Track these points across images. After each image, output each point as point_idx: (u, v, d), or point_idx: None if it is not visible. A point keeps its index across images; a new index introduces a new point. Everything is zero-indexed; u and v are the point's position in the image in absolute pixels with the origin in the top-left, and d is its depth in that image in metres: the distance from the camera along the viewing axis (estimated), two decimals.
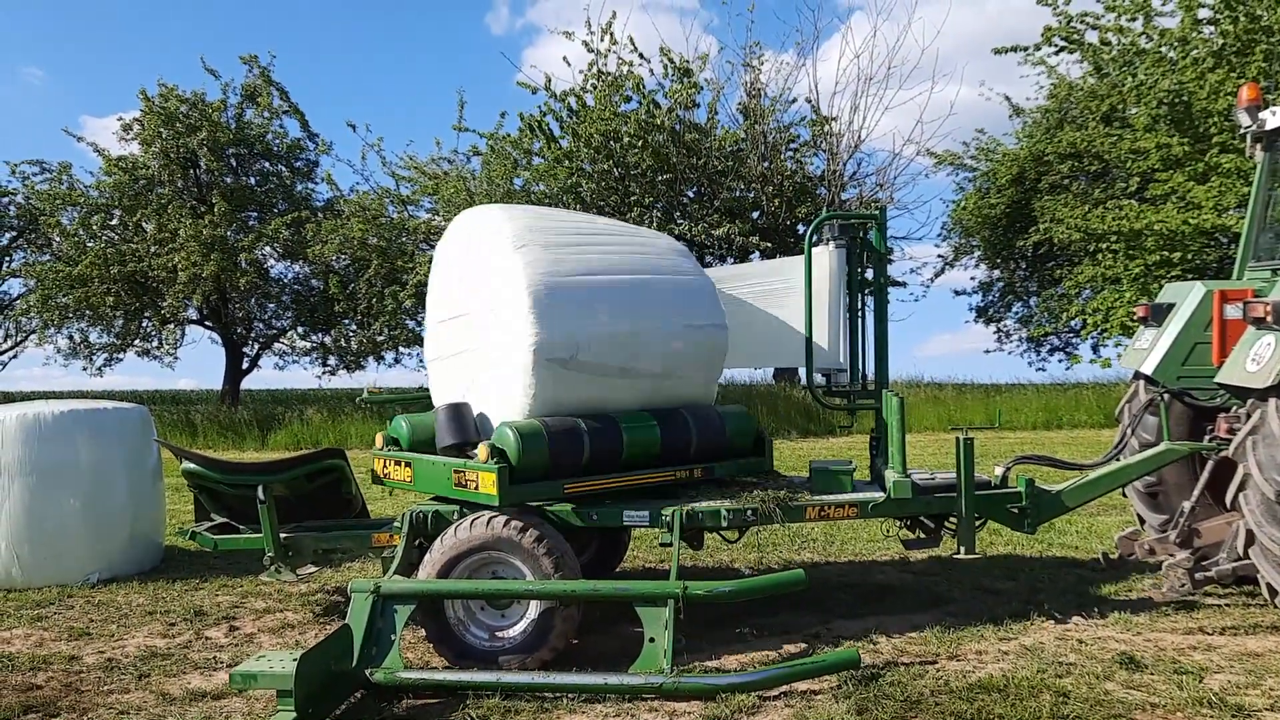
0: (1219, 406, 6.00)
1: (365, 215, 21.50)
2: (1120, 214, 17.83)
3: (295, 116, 23.58)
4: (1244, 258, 6.53)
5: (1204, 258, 17.46)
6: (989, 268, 24.26)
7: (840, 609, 5.99)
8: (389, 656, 4.62)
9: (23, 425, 6.97)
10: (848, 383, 6.27)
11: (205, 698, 4.64)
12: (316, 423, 19.59)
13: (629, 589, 4.87)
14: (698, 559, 7.29)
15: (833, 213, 6.28)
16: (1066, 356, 23.80)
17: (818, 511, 5.50)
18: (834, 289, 6.12)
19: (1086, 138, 19.13)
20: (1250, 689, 4.46)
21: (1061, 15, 19.12)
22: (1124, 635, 5.31)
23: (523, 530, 4.92)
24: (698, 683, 4.48)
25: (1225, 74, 16.88)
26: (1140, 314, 6.62)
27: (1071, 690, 4.44)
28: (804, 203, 21.87)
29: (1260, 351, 5.19)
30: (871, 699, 4.35)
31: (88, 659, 5.28)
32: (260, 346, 25.91)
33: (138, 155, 22.63)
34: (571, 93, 20.37)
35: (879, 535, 7.96)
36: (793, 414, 19.18)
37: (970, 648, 5.14)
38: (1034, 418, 19.16)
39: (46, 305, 22.55)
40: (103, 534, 7.17)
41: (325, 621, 5.99)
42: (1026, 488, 5.65)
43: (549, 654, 4.84)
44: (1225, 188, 16.78)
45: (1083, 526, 8.49)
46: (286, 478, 5.98)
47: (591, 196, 19.47)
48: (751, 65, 22.33)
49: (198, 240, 20.93)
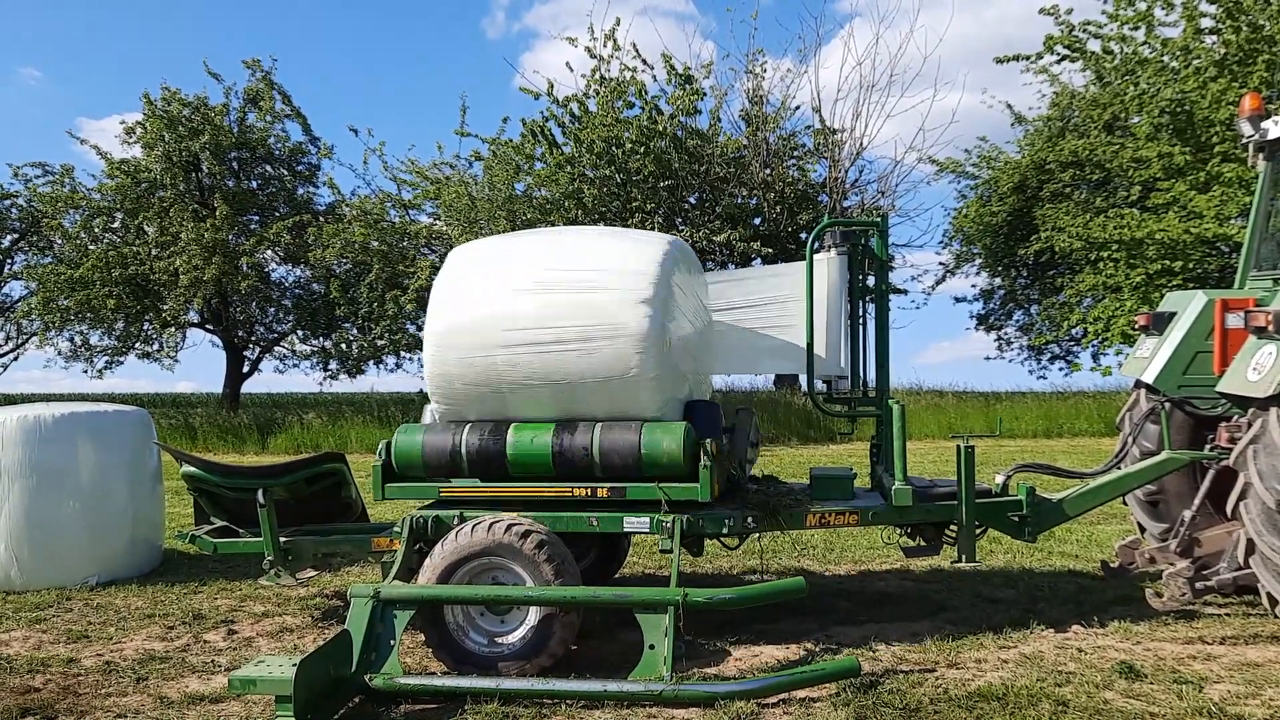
0: (1220, 415, 5.99)
1: (367, 219, 21.51)
2: (1122, 223, 17.84)
3: (297, 120, 23.63)
4: (1245, 267, 6.53)
5: (1205, 267, 17.46)
6: (990, 275, 24.25)
7: (840, 616, 5.98)
8: (388, 662, 4.61)
9: (23, 427, 6.97)
10: (848, 390, 6.26)
11: (203, 701, 4.63)
12: (317, 427, 19.60)
13: (629, 595, 4.87)
14: (697, 565, 7.29)
15: (834, 219, 6.28)
16: (1067, 365, 23.77)
17: (818, 518, 5.50)
18: (835, 296, 6.12)
19: (1088, 146, 19.15)
20: (1250, 699, 4.45)
21: (1064, 24, 19.16)
22: (1124, 644, 5.31)
23: (523, 536, 4.92)
24: (697, 690, 4.47)
25: (1227, 83, 16.89)
26: (1141, 322, 6.62)
27: (1071, 699, 4.43)
28: (805, 209, 21.89)
29: (1261, 361, 5.18)
30: (871, 707, 4.35)
31: (86, 661, 5.28)
32: (261, 350, 25.93)
33: (140, 158, 22.66)
34: (574, 98, 20.41)
35: (879, 543, 7.96)
36: (793, 421, 19.19)
37: (970, 656, 5.13)
38: (1034, 426, 19.15)
39: (48, 307, 22.55)
40: (102, 537, 7.17)
41: (324, 626, 5.98)
42: (1027, 496, 5.64)
43: (548, 660, 4.83)
44: (1227, 197, 16.78)
45: (1083, 535, 8.48)
46: (286, 481, 5.98)
47: (593, 202, 19.48)
48: (754, 72, 22.40)
49: (199, 243, 20.95)
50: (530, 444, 5.24)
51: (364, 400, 24.49)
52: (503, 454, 5.25)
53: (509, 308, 5.31)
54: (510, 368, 5.27)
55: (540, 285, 5.33)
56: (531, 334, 5.24)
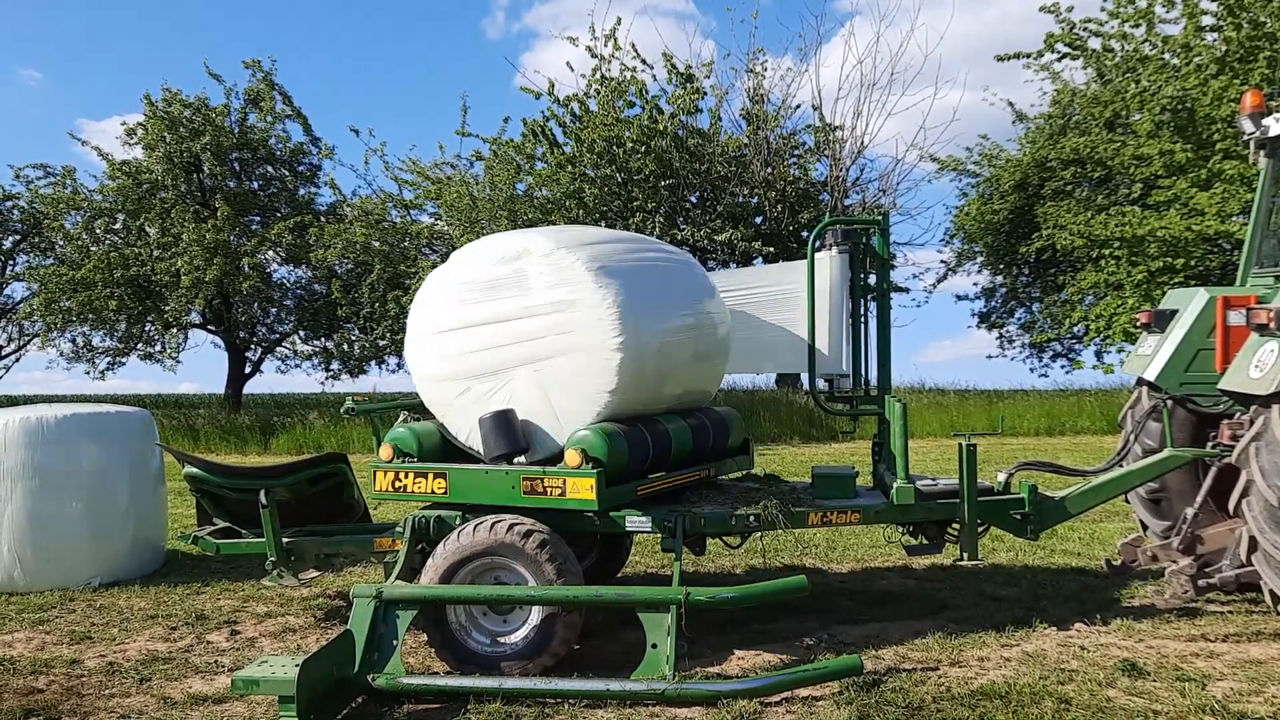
0: (1222, 413, 5.99)
1: (368, 220, 21.52)
2: (1123, 220, 17.82)
3: (298, 121, 23.64)
4: (1247, 264, 6.53)
5: (1207, 264, 17.44)
6: (992, 273, 24.22)
7: (842, 615, 5.98)
8: (391, 662, 4.62)
9: (25, 429, 6.97)
10: (850, 388, 6.27)
11: (207, 702, 4.64)
12: (319, 427, 19.59)
13: (631, 595, 4.87)
14: (699, 564, 7.29)
15: (836, 218, 6.30)
16: (1069, 362, 23.73)
17: (820, 517, 5.50)
18: (837, 294, 6.13)
19: (1090, 144, 19.13)
20: (1253, 696, 4.45)
21: (1065, 22, 19.15)
22: (1126, 642, 5.30)
23: (525, 536, 4.92)
24: (700, 689, 4.48)
25: (1228, 80, 16.87)
26: (1143, 320, 6.61)
27: (1073, 697, 4.43)
28: (807, 208, 21.87)
29: (1263, 358, 5.18)
30: (873, 705, 4.35)
31: (89, 663, 5.28)
32: (263, 351, 25.94)
33: (141, 160, 22.68)
34: (575, 98, 20.42)
35: (881, 541, 7.96)
36: (795, 419, 19.17)
37: (972, 654, 5.13)
38: (1036, 424, 19.13)
39: (50, 309, 22.58)
40: (105, 538, 7.18)
41: (327, 626, 5.98)
42: (1029, 494, 5.64)
43: (551, 660, 4.84)
44: (1228, 194, 16.77)
45: (1085, 533, 8.48)
46: (289, 482, 5.99)
47: (594, 202, 19.48)
48: (755, 71, 22.40)
49: (201, 244, 20.96)
50: (680, 434, 5.69)
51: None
52: (670, 447, 5.61)
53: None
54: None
55: None
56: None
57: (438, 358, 5.60)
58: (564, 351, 5.22)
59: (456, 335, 5.51)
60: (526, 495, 5.13)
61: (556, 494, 5.06)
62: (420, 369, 5.72)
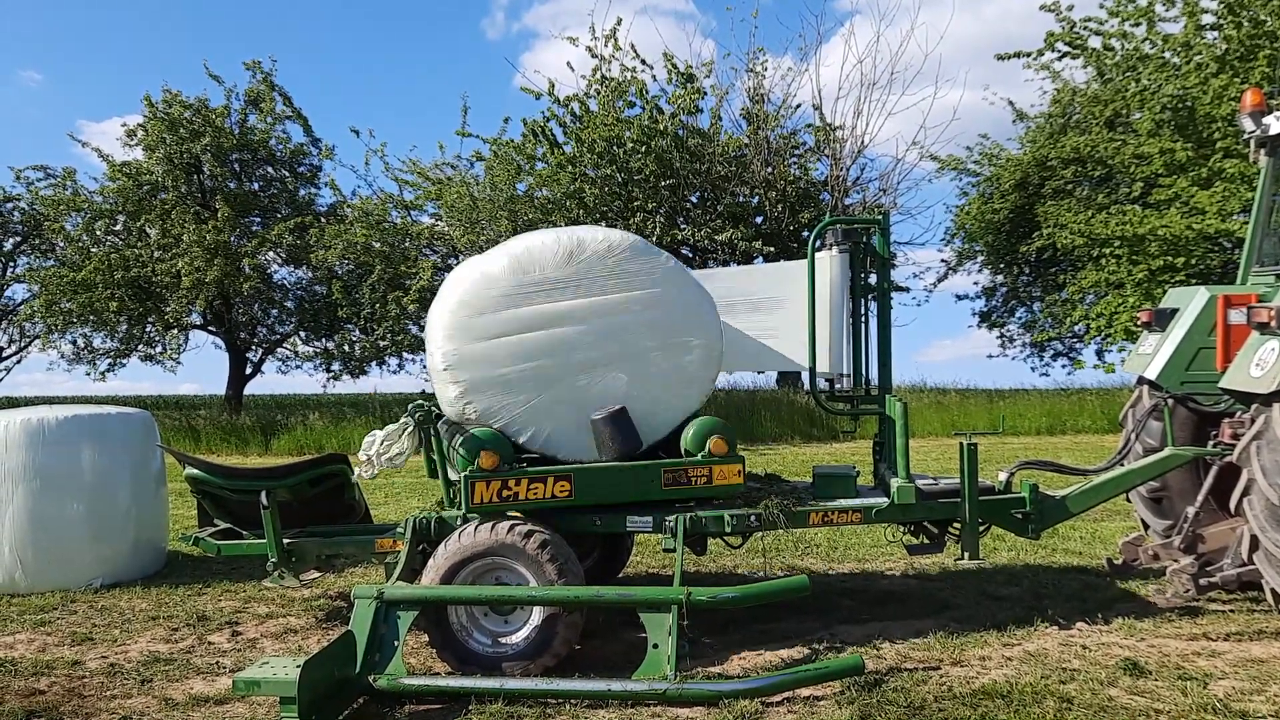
0: (1223, 411, 5.99)
1: (368, 220, 21.51)
2: (1124, 219, 17.82)
3: (298, 122, 23.61)
4: (1248, 263, 6.52)
5: (1208, 263, 17.44)
6: (992, 273, 24.21)
7: (843, 614, 5.98)
8: (392, 663, 4.62)
9: (26, 430, 6.98)
10: (851, 388, 6.26)
11: (208, 703, 4.64)
12: (320, 428, 19.60)
13: (632, 595, 4.87)
14: (701, 564, 7.29)
15: (836, 218, 6.29)
16: (1070, 362, 23.72)
17: (821, 517, 5.50)
18: (837, 294, 6.12)
19: (1090, 143, 19.13)
20: (1255, 695, 4.44)
21: (1065, 21, 19.15)
22: (1128, 641, 5.30)
23: (526, 536, 4.92)
24: (701, 689, 4.48)
25: (1229, 79, 16.87)
26: (1144, 319, 6.61)
27: (1075, 696, 4.43)
28: (807, 208, 21.86)
29: (1264, 357, 5.18)
30: (875, 705, 4.35)
31: (91, 664, 5.28)
32: (264, 352, 25.91)
33: (141, 161, 22.68)
34: (575, 98, 20.43)
35: (882, 541, 7.96)
36: (796, 419, 19.17)
37: (974, 653, 5.13)
38: (1037, 423, 19.12)
39: (50, 310, 22.56)
40: (106, 539, 7.18)
41: (328, 627, 5.99)
42: (1030, 493, 5.64)
43: (552, 660, 4.84)
44: (1229, 193, 16.77)
45: (1086, 532, 8.48)
46: (290, 483, 5.99)
47: (594, 202, 19.48)
48: (755, 71, 22.39)
49: (201, 245, 20.96)
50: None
51: (367, 401, 24.49)
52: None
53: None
54: None
55: None
56: None
57: (507, 359, 5.31)
58: (661, 346, 5.41)
59: (531, 337, 5.31)
60: (668, 488, 5.24)
61: (702, 482, 5.24)
62: (483, 374, 5.32)
